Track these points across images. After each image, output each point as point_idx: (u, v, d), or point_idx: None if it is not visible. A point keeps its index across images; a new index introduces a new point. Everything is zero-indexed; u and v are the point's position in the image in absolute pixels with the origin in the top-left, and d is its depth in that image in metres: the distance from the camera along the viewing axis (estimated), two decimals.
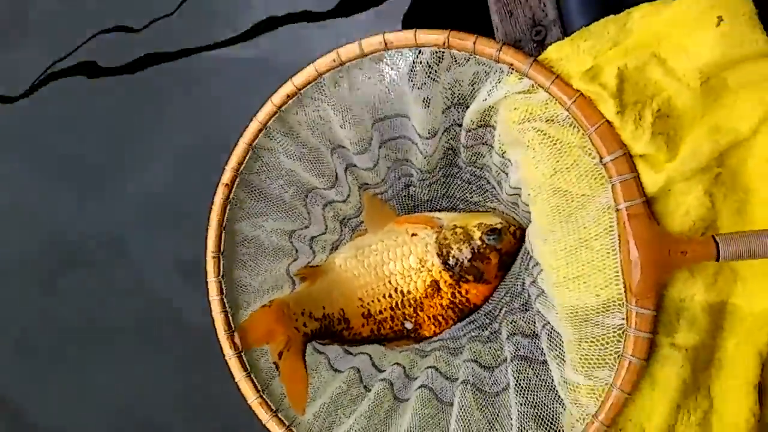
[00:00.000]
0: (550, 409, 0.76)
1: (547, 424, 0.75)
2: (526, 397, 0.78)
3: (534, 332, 0.85)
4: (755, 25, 0.62)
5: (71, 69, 1.44)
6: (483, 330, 0.96)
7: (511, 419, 0.78)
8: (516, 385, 0.80)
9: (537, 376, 0.80)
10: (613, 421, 0.68)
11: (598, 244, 0.67)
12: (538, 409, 0.76)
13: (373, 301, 0.96)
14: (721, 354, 0.68)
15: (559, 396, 0.75)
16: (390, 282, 0.97)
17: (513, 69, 0.69)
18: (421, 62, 0.73)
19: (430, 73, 0.74)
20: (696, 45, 0.62)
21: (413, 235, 0.98)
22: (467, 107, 0.80)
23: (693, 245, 0.63)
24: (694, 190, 0.65)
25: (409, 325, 0.98)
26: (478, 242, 0.94)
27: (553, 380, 0.77)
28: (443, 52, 0.72)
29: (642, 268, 0.64)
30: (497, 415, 0.81)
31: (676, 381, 0.67)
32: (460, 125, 0.84)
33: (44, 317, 1.47)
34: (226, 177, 0.79)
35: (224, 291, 0.81)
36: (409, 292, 0.97)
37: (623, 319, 0.67)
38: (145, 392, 1.43)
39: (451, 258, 0.95)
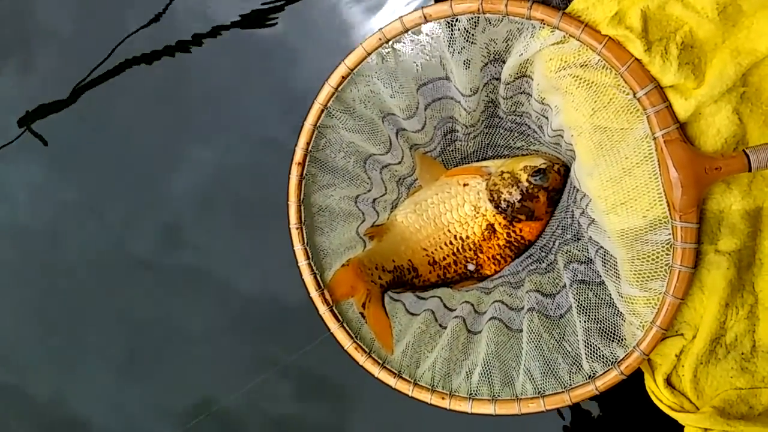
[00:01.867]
0: (611, 322, 0.86)
1: (610, 335, 0.84)
2: (588, 315, 0.88)
3: (588, 258, 0.94)
4: None
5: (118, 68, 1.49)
6: (540, 262, 1.05)
7: (577, 336, 0.87)
8: (578, 305, 0.89)
9: (596, 296, 0.89)
10: (669, 325, 0.77)
11: (639, 171, 0.75)
12: (600, 324, 0.86)
13: (436, 250, 1.06)
14: (761, 254, 0.76)
15: (618, 310, 0.85)
16: (449, 230, 1.06)
17: (544, 24, 0.76)
18: (458, 29, 0.81)
19: (468, 37, 0.82)
20: None
21: (464, 185, 1.07)
22: (503, 62, 0.87)
23: (726, 160, 0.71)
24: (722, 110, 0.72)
25: (471, 267, 1.07)
26: (526, 183, 1.02)
27: (611, 297, 0.86)
28: (478, 17, 0.79)
29: (682, 187, 0.72)
30: (564, 333, 0.91)
31: (723, 282, 0.75)
32: (498, 79, 0.92)
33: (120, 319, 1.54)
34: (298, 156, 0.89)
35: (310, 256, 0.92)
36: (467, 237, 1.06)
37: (670, 234, 0.75)
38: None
39: (502, 202, 1.03)
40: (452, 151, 1.11)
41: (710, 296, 0.76)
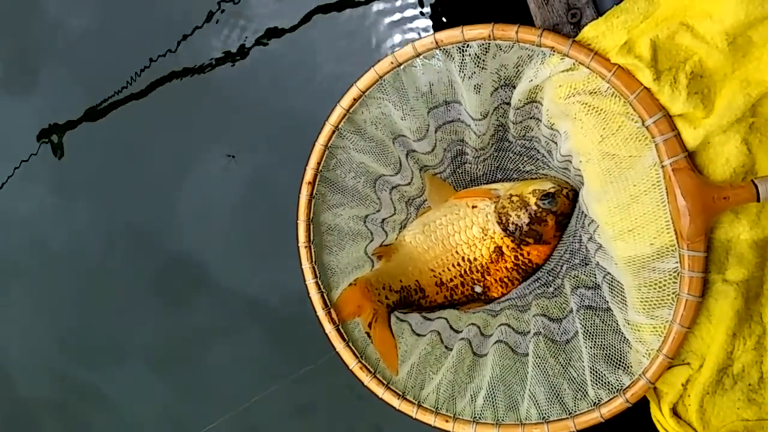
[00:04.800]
0: (617, 349, 0.85)
1: (616, 362, 0.84)
2: (595, 341, 0.87)
3: (595, 283, 0.94)
4: None
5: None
6: (548, 286, 1.05)
7: (583, 362, 0.87)
8: (584, 331, 0.89)
9: (603, 322, 0.89)
10: (676, 354, 0.77)
11: (647, 198, 0.75)
12: (606, 350, 0.86)
13: (443, 271, 1.07)
14: None
15: (624, 337, 0.84)
16: (457, 252, 1.07)
17: (554, 51, 0.77)
18: (469, 54, 0.82)
19: (478, 62, 0.83)
20: (719, 10, 0.69)
21: (473, 207, 1.07)
22: (513, 87, 0.88)
23: (734, 190, 0.71)
24: (731, 140, 0.72)
25: (478, 289, 1.07)
26: (534, 207, 1.02)
27: (617, 324, 0.86)
28: (489, 43, 0.80)
29: (690, 215, 0.72)
30: (570, 359, 0.90)
31: (731, 312, 0.75)
32: (508, 104, 0.93)
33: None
34: (308, 176, 0.90)
35: (317, 275, 0.92)
36: (475, 259, 1.06)
37: (677, 262, 0.75)
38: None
39: (510, 224, 1.04)
40: (462, 173, 1.12)
41: (717, 326, 0.76)
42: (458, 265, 1.07)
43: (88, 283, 1.62)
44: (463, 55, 0.82)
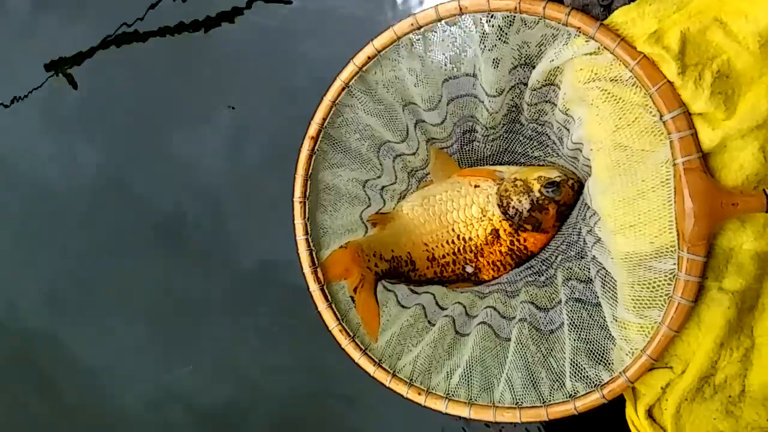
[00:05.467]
0: (601, 345, 0.84)
1: (598, 358, 0.83)
2: (579, 334, 0.86)
3: (588, 277, 0.92)
4: None
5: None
6: (539, 275, 1.03)
7: (564, 353, 0.86)
8: (570, 323, 0.88)
9: (590, 317, 0.88)
10: (660, 356, 0.75)
11: (654, 195, 0.73)
12: (590, 345, 0.84)
13: (437, 246, 1.05)
14: (765, 298, 0.74)
15: (610, 334, 0.83)
16: (453, 229, 1.05)
17: (580, 32, 0.74)
18: (492, 25, 0.79)
19: (501, 35, 0.80)
20: (755, 10, 0.66)
21: (476, 186, 1.06)
22: (533, 67, 0.86)
23: (744, 197, 0.69)
24: (749, 146, 0.70)
25: (469, 269, 1.06)
26: (537, 194, 1.00)
27: (605, 320, 0.84)
28: (514, 16, 0.78)
29: (695, 218, 0.70)
30: (551, 349, 0.89)
31: (722, 321, 0.73)
32: (525, 84, 0.90)
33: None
34: (312, 130, 0.88)
35: (309, 232, 0.91)
36: (470, 239, 1.05)
37: (675, 264, 0.73)
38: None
39: (511, 209, 1.02)
40: (468, 150, 1.10)
41: (706, 333, 0.74)
42: (453, 242, 1.05)
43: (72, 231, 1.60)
44: (486, 26, 0.80)
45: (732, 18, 0.68)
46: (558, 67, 0.83)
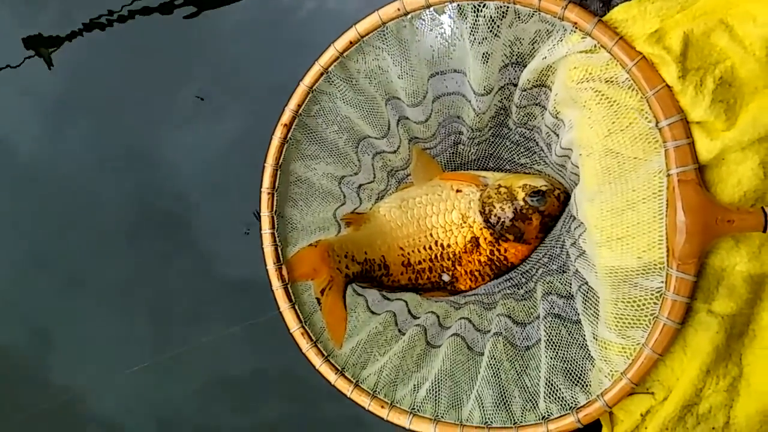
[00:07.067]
0: (579, 365, 0.79)
1: (575, 378, 0.77)
2: (557, 352, 0.81)
3: (569, 293, 0.87)
4: None
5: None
6: (518, 288, 0.98)
7: (540, 371, 0.81)
8: (547, 340, 0.82)
9: (569, 334, 0.82)
10: (641, 380, 0.70)
11: (645, 207, 0.68)
12: (567, 364, 0.79)
13: (413, 252, 1.00)
14: (756, 324, 0.69)
15: (589, 354, 0.78)
16: (431, 234, 1.00)
17: (576, 28, 0.70)
18: (484, 16, 0.74)
19: (492, 27, 0.75)
20: (765, 13, 0.62)
21: (458, 191, 1.00)
22: (525, 67, 0.81)
23: (741, 215, 0.64)
24: (748, 160, 0.65)
25: (446, 278, 1.01)
26: (521, 203, 0.96)
27: (584, 339, 0.79)
28: (507, 7, 0.73)
29: (687, 234, 0.65)
30: (526, 367, 0.84)
31: (709, 346, 0.68)
32: (515, 85, 0.85)
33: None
34: (285, 117, 0.82)
35: (276, 226, 0.84)
36: (448, 246, 1.00)
37: (662, 282, 0.68)
38: None
39: (493, 216, 0.97)
40: (453, 153, 1.05)
41: (692, 359, 0.69)
42: (430, 248, 1.00)
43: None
44: (477, 16, 0.74)
45: (739, 21, 0.64)
46: (550, 67, 0.78)
